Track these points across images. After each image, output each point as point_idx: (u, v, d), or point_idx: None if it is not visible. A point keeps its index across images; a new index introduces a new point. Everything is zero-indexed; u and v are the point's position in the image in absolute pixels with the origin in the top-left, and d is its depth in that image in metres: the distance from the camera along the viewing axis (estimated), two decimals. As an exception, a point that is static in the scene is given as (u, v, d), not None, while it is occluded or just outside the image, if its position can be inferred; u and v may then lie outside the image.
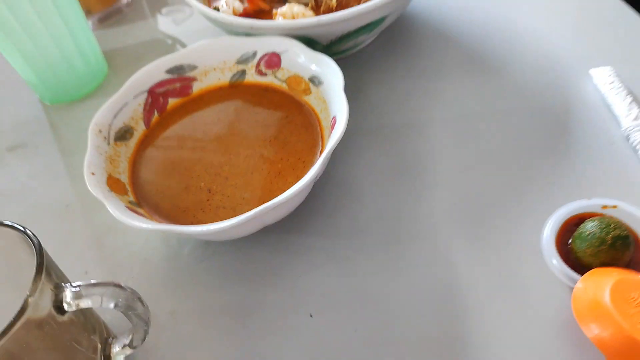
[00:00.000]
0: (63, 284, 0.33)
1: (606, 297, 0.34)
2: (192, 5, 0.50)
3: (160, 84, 0.48)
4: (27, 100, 0.59)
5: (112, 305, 0.32)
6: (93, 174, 0.41)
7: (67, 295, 0.32)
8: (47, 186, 0.51)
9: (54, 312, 0.32)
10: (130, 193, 0.43)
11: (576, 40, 0.51)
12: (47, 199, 0.50)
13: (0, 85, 0.62)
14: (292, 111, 0.46)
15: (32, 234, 0.33)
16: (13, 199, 0.50)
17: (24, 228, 0.33)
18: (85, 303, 0.32)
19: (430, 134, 0.47)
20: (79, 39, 0.55)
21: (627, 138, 0.43)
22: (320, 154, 0.42)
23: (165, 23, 0.65)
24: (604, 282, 0.35)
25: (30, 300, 0.30)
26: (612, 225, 0.36)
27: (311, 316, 0.38)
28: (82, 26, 0.55)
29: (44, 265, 0.31)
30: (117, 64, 0.60)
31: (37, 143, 0.55)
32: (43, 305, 0.31)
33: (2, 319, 0.30)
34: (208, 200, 0.42)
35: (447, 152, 0.45)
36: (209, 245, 0.43)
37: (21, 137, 0.55)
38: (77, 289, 0.32)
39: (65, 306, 0.32)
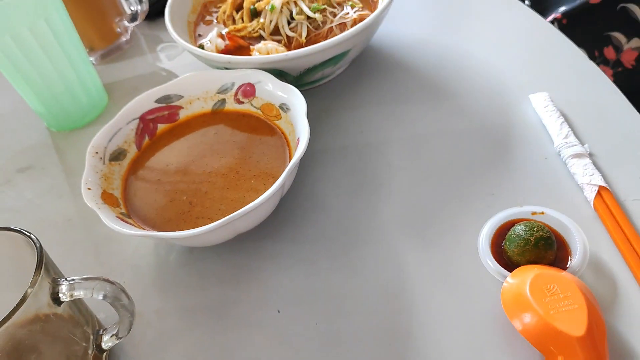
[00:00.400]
0: (59, 278, 0.39)
1: (526, 288, 0.39)
2: (179, 44, 0.57)
3: (151, 111, 0.54)
4: (35, 128, 0.66)
5: (101, 296, 0.38)
6: (89, 189, 0.47)
7: (63, 287, 0.38)
8: (52, 203, 0.57)
9: (52, 302, 0.38)
10: (122, 206, 0.49)
11: (518, 69, 0.57)
12: (52, 214, 0.56)
13: (11, 114, 0.69)
14: (265, 134, 0.53)
15: (35, 236, 0.39)
16: (21, 214, 0.56)
17: (27, 232, 0.39)
18: (78, 293, 0.38)
19: (387, 153, 0.53)
20: (81, 73, 0.62)
21: (559, 153, 0.49)
22: (288, 170, 0.48)
23: (160, 58, 0.72)
24: (526, 277, 0.40)
25: (29, 291, 0.36)
26: (535, 228, 0.42)
27: (279, 312, 0.44)
28: (84, 61, 0.63)
29: (43, 262, 0.37)
30: (117, 95, 0.67)
31: (43, 165, 0.61)
32: (42, 296, 0.37)
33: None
34: (189, 211, 0.48)
35: (402, 168, 0.51)
36: (192, 251, 0.49)
37: (29, 160, 0.62)
38: (71, 282, 0.38)
39: (61, 297, 0.38)
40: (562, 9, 0.73)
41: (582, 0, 0.72)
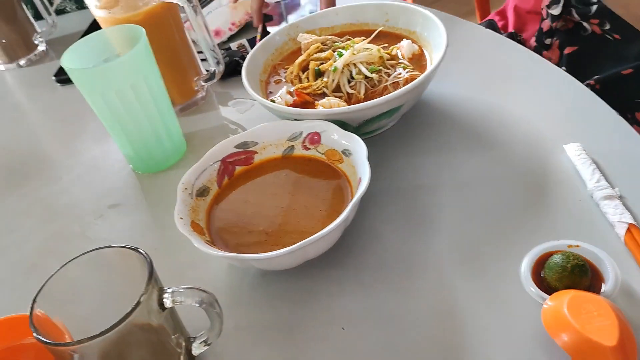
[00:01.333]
0: (164, 287, 0.46)
1: (564, 308, 0.45)
2: (255, 98, 0.66)
3: (230, 155, 0.63)
4: (123, 170, 0.75)
5: (197, 302, 0.45)
6: (181, 218, 0.55)
7: (167, 294, 0.45)
8: (140, 234, 0.65)
9: (158, 308, 0.45)
10: (206, 234, 0.57)
11: (553, 123, 0.65)
12: (140, 243, 0.63)
13: (102, 160, 0.79)
14: (329, 176, 0.61)
15: (145, 252, 0.47)
16: (113, 243, 0.64)
17: (139, 249, 0.47)
18: (179, 299, 0.45)
19: (437, 194, 0.60)
20: (167, 124, 0.71)
21: (591, 196, 0.55)
22: (350, 206, 0.55)
23: (231, 112, 0.82)
24: (564, 298, 0.45)
25: (143, 297, 0.43)
26: (571, 257, 0.48)
27: (343, 329, 0.50)
28: (170, 113, 0.72)
29: (153, 274, 0.45)
30: (194, 143, 0.77)
31: (131, 202, 0.70)
32: (151, 302, 0.44)
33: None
34: (265, 240, 0.55)
35: (450, 206, 0.58)
36: (264, 276, 0.56)
37: (119, 197, 0.71)
38: (174, 290, 0.45)
39: (166, 302, 0.45)
40: (596, 77, 0.80)
41: (614, 70, 0.79)
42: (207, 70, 0.82)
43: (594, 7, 0.78)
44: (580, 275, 0.47)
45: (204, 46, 0.76)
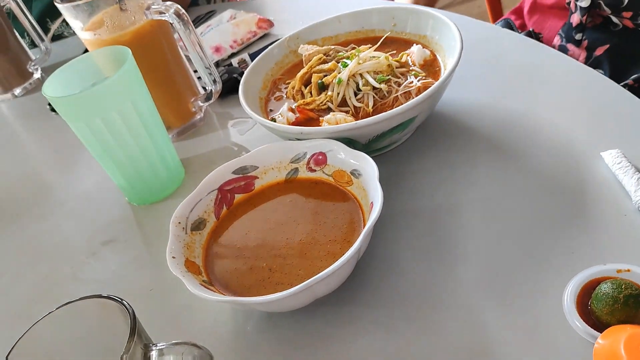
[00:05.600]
0: (150, 344, 0.40)
1: (621, 349, 0.38)
2: (254, 118, 0.60)
3: (228, 182, 0.57)
4: (117, 203, 0.70)
5: (190, 360, 0.39)
6: (174, 257, 0.49)
7: (154, 353, 0.39)
8: (135, 273, 0.60)
9: (144, 367, 0.39)
10: (203, 273, 0.51)
11: (587, 128, 0.57)
12: (134, 284, 0.58)
13: (95, 191, 0.74)
14: (337, 200, 0.54)
15: (127, 303, 0.41)
16: (106, 285, 0.59)
17: (121, 300, 0.41)
18: (168, 358, 0.39)
19: (460, 214, 0.53)
20: (161, 150, 0.66)
21: (638, 209, 0.48)
22: (363, 234, 0.49)
23: (231, 134, 0.76)
24: (619, 337, 0.39)
25: (125, 357, 0.37)
26: (623, 286, 0.41)
27: (360, 377, 0.44)
28: (164, 139, 0.67)
29: (136, 329, 0.39)
30: (193, 169, 0.71)
31: (126, 238, 0.65)
32: (136, 361, 0.38)
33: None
34: (269, 277, 0.49)
35: (476, 228, 0.51)
36: (270, 318, 0.50)
37: (113, 233, 0.66)
38: (162, 347, 0.39)
39: (153, 362, 0.39)
40: (634, 76, 0.73)
41: None
42: (205, 90, 0.76)
43: None
44: (635, 307, 0.40)
45: (198, 64, 0.71)
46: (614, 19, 0.74)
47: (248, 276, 0.50)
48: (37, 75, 1.09)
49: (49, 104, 0.94)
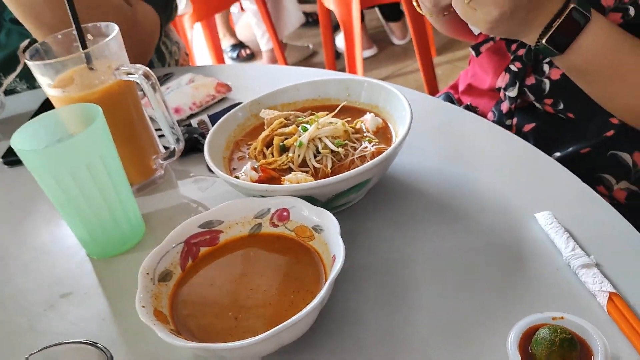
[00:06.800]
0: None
1: (558, 387, 0.42)
2: (220, 175, 0.64)
3: (194, 236, 0.60)
4: (75, 256, 0.70)
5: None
6: (143, 306, 0.51)
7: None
8: (95, 326, 0.60)
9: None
10: (170, 323, 0.52)
11: (522, 192, 0.65)
12: (95, 336, 0.58)
13: (52, 244, 0.74)
14: (300, 254, 0.58)
15: (104, 347, 0.42)
16: (66, 337, 0.58)
17: (95, 343, 0.42)
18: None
19: (413, 268, 0.58)
20: (125, 205, 0.68)
21: (568, 264, 0.54)
22: (325, 285, 0.52)
23: (191, 190, 0.79)
24: (556, 376, 0.43)
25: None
26: (559, 331, 0.46)
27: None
28: (128, 194, 0.69)
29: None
30: (153, 224, 0.73)
31: (85, 290, 0.65)
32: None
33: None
34: (236, 326, 0.52)
35: (427, 280, 0.56)
36: (235, 366, 0.52)
37: (72, 285, 0.66)
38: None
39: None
40: (557, 154, 0.82)
41: (573, 149, 0.81)
42: (165, 148, 0.79)
43: (547, 86, 0.80)
44: (570, 349, 0.45)
45: (162, 124, 0.74)
46: (537, 105, 0.83)
47: (215, 324, 0.52)
48: (-12, 128, 1.07)
49: (2, 157, 0.94)
